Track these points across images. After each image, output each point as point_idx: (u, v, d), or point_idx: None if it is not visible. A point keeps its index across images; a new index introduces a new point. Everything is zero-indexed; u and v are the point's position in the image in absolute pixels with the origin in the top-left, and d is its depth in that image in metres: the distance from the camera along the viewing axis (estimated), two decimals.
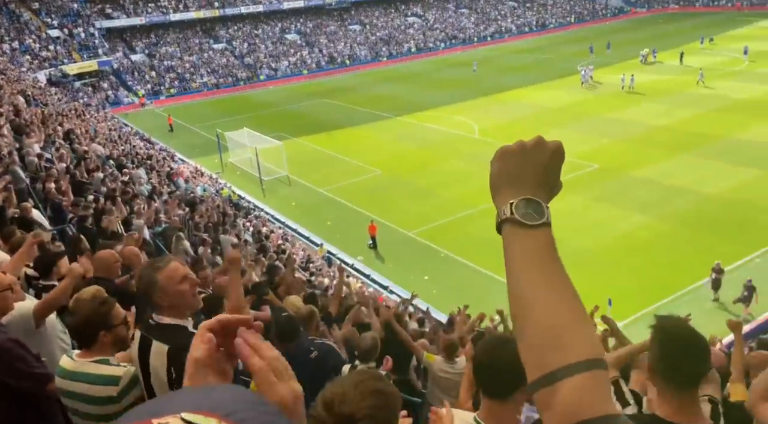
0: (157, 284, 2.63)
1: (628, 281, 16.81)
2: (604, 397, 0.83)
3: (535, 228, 0.98)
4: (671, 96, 34.86)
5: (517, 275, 0.96)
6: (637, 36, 55.69)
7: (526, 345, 0.90)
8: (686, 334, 2.14)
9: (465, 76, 47.62)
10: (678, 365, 2.07)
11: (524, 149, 1.05)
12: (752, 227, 18.88)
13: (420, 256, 19.83)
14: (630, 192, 22.56)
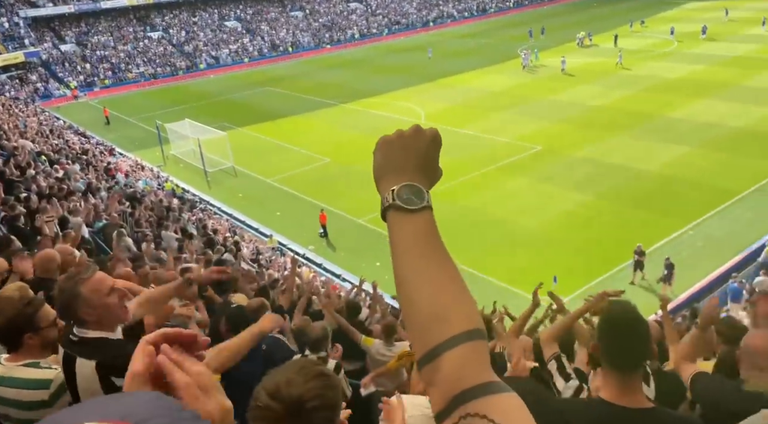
0: (80, 297, 2.39)
1: (572, 257, 17.45)
2: (484, 365, 0.86)
3: (416, 212, 1.01)
4: (606, 77, 36.10)
5: (400, 259, 1.00)
6: (573, 19, 57.20)
7: (411, 328, 0.93)
8: (628, 319, 2.20)
9: (409, 62, 47.76)
10: (619, 350, 2.13)
11: (403, 138, 1.07)
12: (684, 201, 19.90)
13: (371, 243, 19.91)
14: (571, 172, 23.32)
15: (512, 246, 18.46)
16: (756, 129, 25.37)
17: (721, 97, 29.85)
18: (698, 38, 43.30)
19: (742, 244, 17.24)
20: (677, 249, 17.54)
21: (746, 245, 17.14)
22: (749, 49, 38.81)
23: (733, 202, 19.67)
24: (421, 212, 1.02)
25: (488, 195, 22.18)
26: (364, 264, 18.52)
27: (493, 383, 0.84)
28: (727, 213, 19.14)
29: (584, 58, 41.57)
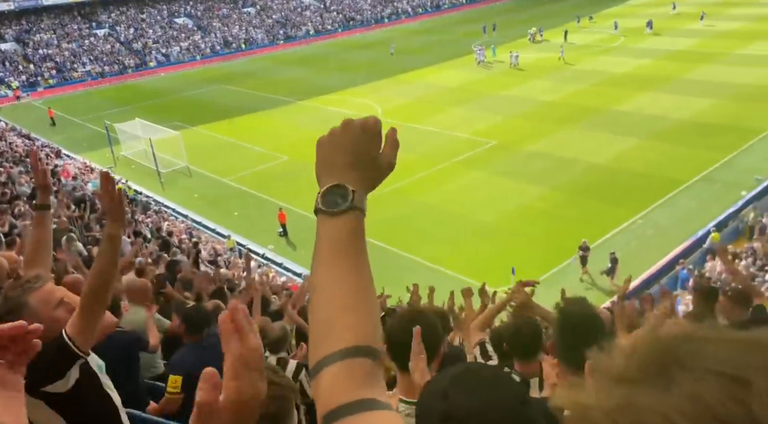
0: (26, 308, 2.25)
1: (529, 249, 17.84)
2: (359, 383, 0.82)
3: (337, 215, 0.98)
4: (557, 72, 36.98)
5: (313, 264, 0.98)
6: (524, 16, 58.29)
7: (309, 338, 0.91)
8: (585, 317, 2.22)
9: (366, 59, 47.71)
10: (575, 347, 2.11)
11: (333, 135, 1.04)
12: (634, 192, 20.61)
13: None
14: (526, 165, 23.81)
15: (471, 239, 18.73)
16: (698, 120, 26.48)
17: (665, 90, 31.01)
18: (643, 33, 44.82)
19: (689, 231, 18.01)
20: (628, 238, 18.18)
21: (692, 232, 17.92)
22: (691, 44, 40.44)
23: (679, 191, 20.49)
24: (343, 215, 0.98)
25: (446, 190, 22.42)
26: None
27: (367, 400, 0.80)
28: (674, 202, 19.94)
29: (536, 53, 42.44)
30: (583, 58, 40.01)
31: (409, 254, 18.32)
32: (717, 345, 0.46)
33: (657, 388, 0.43)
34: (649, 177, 21.53)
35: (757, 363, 0.42)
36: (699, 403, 0.40)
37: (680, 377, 0.43)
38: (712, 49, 38.16)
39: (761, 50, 36.57)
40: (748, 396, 0.39)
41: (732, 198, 19.57)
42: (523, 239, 18.44)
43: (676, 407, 0.41)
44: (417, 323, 2.18)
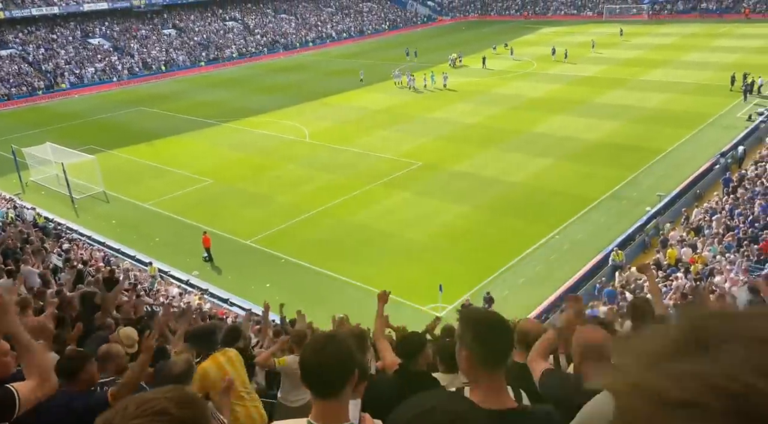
0: None
1: (455, 266, 18.33)
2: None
3: None
4: (478, 96, 38.56)
5: None
6: (445, 41, 60.51)
7: None
8: (492, 316, 2.32)
9: (292, 81, 47.72)
10: (490, 344, 2.18)
11: None
12: (550, 209, 21.71)
13: (259, 264, 19.52)
14: (450, 185, 24.54)
15: (399, 258, 19.01)
16: (606, 141, 28.37)
17: (576, 113, 33.05)
18: (551, 60, 47.64)
19: (601, 245, 19.16)
20: (547, 252, 19.08)
21: (604, 245, 19.07)
22: (598, 70, 43.41)
23: (591, 207, 21.79)
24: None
25: (374, 210, 22.68)
26: (254, 286, 18.13)
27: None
28: (587, 218, 21.17)
29: (457, 78, 44.09)
30: (502, 82, 41.97)
31: (338, 275, 18.34)
32: (745, 319, 0.52)
33: (706, 358, 0.48)
34: (564, 195, 22.77)
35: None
36: (753, 363, 0.45)
37: (724, 346, 0.48)
38: (618, 76, 41.15)
39: (661, 77, 39.83)
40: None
41: (638, 213, 21.04)
42: (450, 256, 18.93)
43: (732, 368, 0.45)
44: (331, 348, 2.17)
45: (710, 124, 29.78)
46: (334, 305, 12.94)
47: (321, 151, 29.62)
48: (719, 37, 52.39)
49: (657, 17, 66.23)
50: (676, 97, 34.51)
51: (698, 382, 0.46)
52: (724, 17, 61.71)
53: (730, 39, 50.87)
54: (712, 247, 17.38)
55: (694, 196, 22.52)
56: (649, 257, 18.52)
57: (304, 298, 16.06)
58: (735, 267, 15.01)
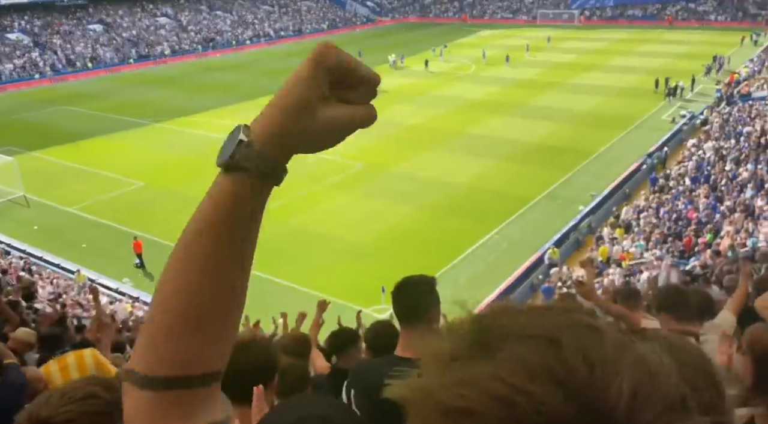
0: None
1: (399, 267, 18.21)
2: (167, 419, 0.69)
3: (226, 172, 0.79)
4: (418, 97, 38.84)
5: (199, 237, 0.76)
6: (385, 42, 60.70)
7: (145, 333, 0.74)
8: (412, 277, 2.62)
9: (229, 80, 46.48)
10: (400, 305, 2.50)
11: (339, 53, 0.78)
12: (490, 209, 22.08)
13: None
14: (392, 187, 24.54)
15: (343, 261, 18.79)
16: (542, 142, 29.19)
17: (513, 115, 33.87)
18: (490, 62, 48.68)
19: (538, 243, 19.65)
20: (487, 251, 19.38)
21: (541, 244, 19.56)
22: (534, 73, 44.68)
23: (528, 207, 22.33)
24: (225, 175, 0.78)
25: (317, 213, 22.35)
26: None
27: None
28: (524, 217, 21.67)
29: (398, 79, 44.27)
30: (442, 84, 42.48)
31: (280, 279, 17.91)
32: (527, 315, 0.48)
33: (486, 358, 0.45)
34: (503, 195, 23.22)
35: (564, 324, 0.47)
36: (526, 364, 0.44)
37: (504, 346, 0.46)
38: (552, 79, 42.50)
39: (591, 80, 41.43)
40: (562, 352, 0.44)
41: (572, 212, 21.73)
42: (393, 258, 18.87)
43: (505, 370, 0.43)
44: (245, 355, 2.13)
45: (637, 126, 31.22)
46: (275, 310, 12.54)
47: None
48: (645, 42, 55.13)
49: (588, 23, 69.01)
50: (606, 100, 35.98)
51: (474, 388, 0.44)
52: (650, 24, 65.07)
53: (655, 45, 53.64)
54: (639, 243, 18.17)
55: (624, 195, 23.51)
56: (583, 255, 19.15)
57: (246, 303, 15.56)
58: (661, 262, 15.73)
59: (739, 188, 19.73)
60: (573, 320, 0.48)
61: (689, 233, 17.78)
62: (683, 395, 0.45)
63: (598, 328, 0.47)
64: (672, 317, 3.26)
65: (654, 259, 16.57)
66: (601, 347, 0.45)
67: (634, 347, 0.47)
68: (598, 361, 0.44)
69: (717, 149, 24.51)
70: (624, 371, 0.43)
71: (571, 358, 0.43)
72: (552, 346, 0.45)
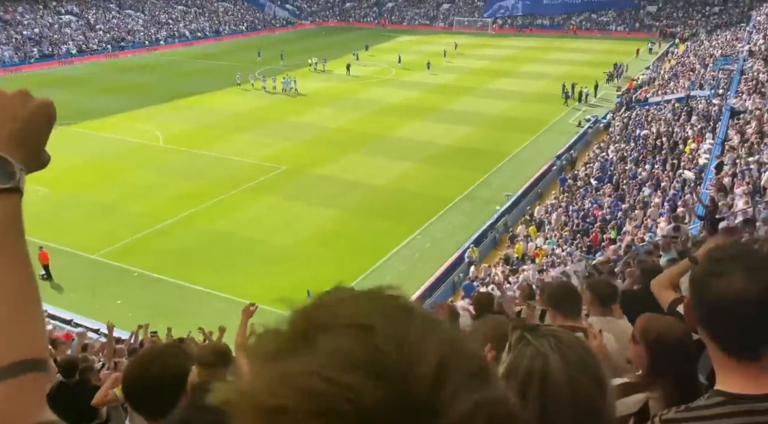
0: None
1: (323, 270, 18.31)
2: (37, 403, 0.73)
3: (3, 194, 0.83)
4: (339, 100, 39.01)
5: None
6: (305, 46, 60.41)
7: None
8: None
9: (141, 82, 44.53)
10: None
11: (3, 96, 0.89)
12: (412, 210, 22.61)
13: (109, 279, 17.94)
14: (315, 189, 24.53)
15: (268, 265, 18.57)
16: (460, 145, 30.21)
17: (432, 119, 34.78)
18: (409, 67, 49.72)
19: (458, 242, 20.36)
20: (411, 251, 19.86)
21: (461, 243, 20.29)
22: (451, 78, 46.06)
23: (448, 208, 23.06)
24: (8, 195, 0.83)
25: (239, 217, 21.95)
26: (102, 304, 16.61)
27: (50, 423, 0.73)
28: (445, 217, 22.37)
29: (319, 82, 44.24)
30: (362, 88, 42.89)
31: (202, 287, 17.48)
32: (345, 303, 0.51)
33: (305, 352, 0.47)
34: (424, 197, 23.84)
35: (377, 310, 0.50)
36: (338, 354, 0.45)
37: (321, 338, 0.47)
38: (467, 84, 44.00)
39: (504, 86, 43.30)
40: (374, 338, 0.46)
41: (489, 212, 22.68)
42: (318, 260, 18.90)
43: (321, 364, 0.44)
44: (153, 366, 2.05)
45: (547, 129, 33.01)
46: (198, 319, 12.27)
47: (177, 157, 28.00)
48: (552, 50, 58.27)
49: (501, 31, 71.98)
50: (517, 105, 37.74)
51: (286, 384, 0.45)
52: (556, 33, 68.84)
53: (562, 52, 56.82)
54: (551, 240, 19.28)
55: (536, 195, 24.80)
56: (500, 253, 20.07)
57: (164, 313, 15.08)
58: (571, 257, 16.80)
59: (638, 187, 21.38)
60: (387, 305, 0.51)
61: (595, 230, 19.06)
62: (482, 365, 0.49)
63: (410, 309, 0.51)
64: (559, 313, 3.34)
65: (565, 254, 17.67)
66: (410, 329, 0.48)
67: (441, 325, 0.50)
68: (407, 343, 0.46)
69: (618, 151, 26.41)
70: (430, 348, 0.46)
71: (383, 343, 0.45)
72: (365, 333, 0.47)
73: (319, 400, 0.43)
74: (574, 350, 1.12)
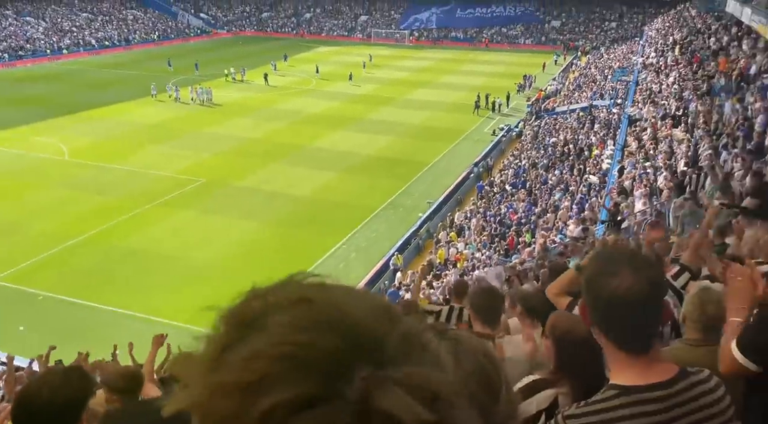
0: None
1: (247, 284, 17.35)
2: None
3: None
4: (258, 111, 38.44)
5: None
6: (222, 55, 59.07)
7: None
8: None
9: (43, 93, 41.78)
10: None
11: None
12: (336, 220, 22.62)
13: (10, 304, 16.65)
14: (236, 202, 24.00)
15: (185, 283, 17.92)
16: (381, 155, 30.62)
17: (353, 129, 35.03)
18: (330, 77, 49.87)
19: (383, 250, 20.60)
20: (337, 261, 19.85)
21: (386, 251, 20.54)
22: (371, 89, 46.60)
23: (372, 217, 23.29)
24: None
25: (154, 233, 21.07)
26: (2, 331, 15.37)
27: None
28: (369, 226, 22.57)
29: (237, 92, 43.39)
30: (282, 98, 42.50)
31: (115, 307, 16.59)
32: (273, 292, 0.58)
33: (258, 333, 0.52)
34: (348, 206, 23.94)
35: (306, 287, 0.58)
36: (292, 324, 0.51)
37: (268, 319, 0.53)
38: (387, 94, 44.70)
39: (422, 96, 44.35)
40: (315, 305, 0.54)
41: (412, 219, 23.13)
42: (240, 275, 18.43)
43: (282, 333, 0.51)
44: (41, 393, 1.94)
45: (465, 138, 34.15)
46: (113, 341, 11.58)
47: (85, 171, 26.48)
48: (467, 62, 60.42)
49: (417, 43, 73.76)
50: (436, 115, 38.78)
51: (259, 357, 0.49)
52: (470, 46, 71.44)
53: (475, 64, 59.04)
54: (471, 245, 19.95)
55: (456, 201, 25.58)
56: (424, 259, 20.49)
57: (75, 337, 14.16)
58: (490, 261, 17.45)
59: (549, 192, 22.58)
60: (312, 282, 0.59)
61: (511, 234, 19.93)
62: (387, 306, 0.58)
63: (334, 284, 0.59)
64: (478, 318, 3.46)
65: (484, 258, 18.32)
66: (344, 295, 0.57)
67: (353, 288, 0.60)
68: (345, 303, 0.54)
69: (530, 158, 27.78)
70: (355, 301, 0.56)
71: (324, 307, 0.53)
72: (307, 304, 0.54)
73: (295, 359, 0.48)
74: (470, 353, 1.09)
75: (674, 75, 26.86)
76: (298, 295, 0.55)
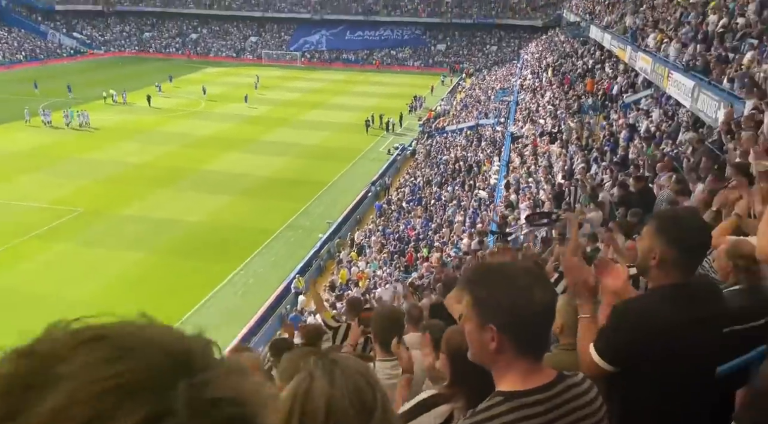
0: None
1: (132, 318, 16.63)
2: None
3: None
4: (143, 134, 36.35)
5: None
6: (99, 76, 55.43)
7: None
8: None
9: None
10: None
11: None
12: (232, 245, 21.75)
13: None
14: (119, 231, 22.36)
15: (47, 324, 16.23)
16: (277, 176, 30.03)
17: (246, 151, 34.11)
18: (219, 99, 48.41)
19: (283, 274, 20.06)
20: (234, 288, 19.03)
21: (286, 274, 20.02)
22: (265, 110, 45.75)
23: (271, 239, 22.66)
24: None
25: (24, 270, 19.04)
26: None
27: None
28: (268, 250, 21.92)
29: (118, 115, 40.81)
30: (168, 121, 40.52)
31: None
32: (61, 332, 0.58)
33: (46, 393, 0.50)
34: (244, 230, 23.12)
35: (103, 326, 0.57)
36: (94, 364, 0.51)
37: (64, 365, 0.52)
38: (280, 115, 44.12)
39: (316, 117, 44.25)
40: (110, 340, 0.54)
41: (312, 241, 22.79)
42: (123, 311, 16.84)
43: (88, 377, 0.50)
44: None
45: (361, 157, 34.44)
46: None
47: None
48: (359, 83, 61.36)
49: (309, 64, 73.86)
50: (331, 135, 38.83)
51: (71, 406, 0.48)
52: (361, 67, 72.72)
53: (368, 85, 60.08)
54: (372, 263, 19.98)
55: (356, 221, 25.61)
56: (326, 279, 20.19)
57: None
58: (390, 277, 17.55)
59: (444, 207, 23.26)
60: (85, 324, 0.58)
61: (410, 250, 20.23)
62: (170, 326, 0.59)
63: (105, 322, 0.58)
64: (378, 342, 3.44)
65: (384, 275, 18.39)
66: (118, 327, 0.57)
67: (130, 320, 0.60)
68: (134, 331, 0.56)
69: (425, 175, 28.54)
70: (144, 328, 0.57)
71: (122, 338, 0.54)
72: (100, 339, 0.54)
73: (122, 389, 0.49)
74: (347, 375, 1.15)
75: (549, 95, 28.98)
76: (89, 335, 0.55)
